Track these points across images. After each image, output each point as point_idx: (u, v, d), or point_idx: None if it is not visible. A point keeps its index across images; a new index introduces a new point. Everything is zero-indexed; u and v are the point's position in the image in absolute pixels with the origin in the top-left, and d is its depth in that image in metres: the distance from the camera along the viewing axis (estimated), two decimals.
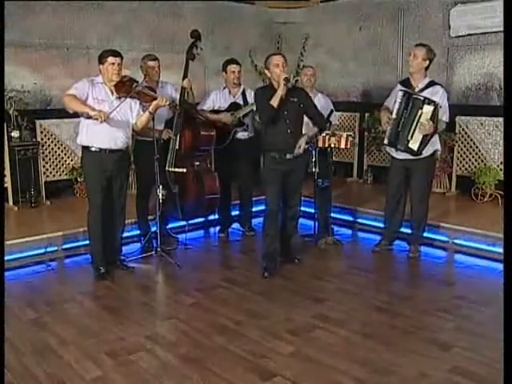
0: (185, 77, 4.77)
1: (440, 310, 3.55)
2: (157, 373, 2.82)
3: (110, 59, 3.97)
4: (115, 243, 4.39)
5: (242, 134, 5.04)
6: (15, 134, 5.65)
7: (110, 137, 4.02)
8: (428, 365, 2.87)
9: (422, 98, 4.24)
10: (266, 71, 4.16)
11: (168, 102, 4.10)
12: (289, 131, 4.12)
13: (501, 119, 5.70)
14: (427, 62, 4.35)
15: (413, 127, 4.28)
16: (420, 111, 4.24)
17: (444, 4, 6.31)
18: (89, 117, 3.91)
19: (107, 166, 4.08)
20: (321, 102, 5.06)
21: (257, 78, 7.11)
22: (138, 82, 4.07)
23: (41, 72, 6.00)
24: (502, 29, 5.39)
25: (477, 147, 6.05)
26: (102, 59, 4.02)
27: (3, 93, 5.49)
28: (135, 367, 2.89)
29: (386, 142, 4.51)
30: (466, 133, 6.13)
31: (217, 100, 5.10)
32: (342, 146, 4.81)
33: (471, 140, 6.09)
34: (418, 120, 4.24)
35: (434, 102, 4.24)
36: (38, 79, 5.99)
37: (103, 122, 3.88)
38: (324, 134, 4.74)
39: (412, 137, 4.29)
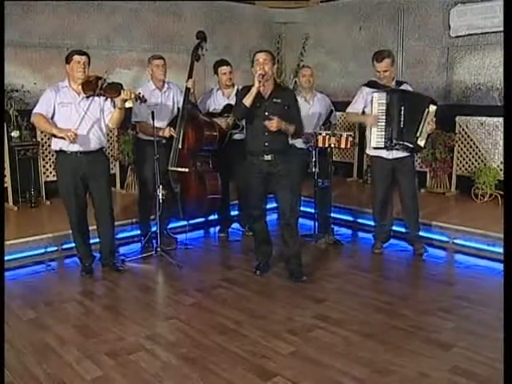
0: (189, 77, 4.77)
1: (440, 310, 3.55)
2: (157, 373, 2.82)
3: (76, 57, 3.95)
4: (108, 245, 4.37)
5: (239, 135, 5.03)
6: (15, 133, 5.66)
7: (82, 139, 3.97)
8: (428, 365, 2.87)
9: (429, 98, 4.33)
10: (252, 70, 3.95)
11: (133, 95, 4.03)
12: (267, 133, 3.87)
13: (501, 119, 5.70)
14: (394, 66, 4.42)
15: (421, 125, 4.31)
16: (427, 110, 4.30)
17: (444, 4, 6.32)
18: (60, 136, 3.90)
19: (81, 168, 4.05)
20: (320, 102, 5.07)
21: None
22: (102, 78, 3.99)
23: (41, 72, 6.00)
24: (501, 29, 5.40)
25: (477, 147, 6.05)
26: (68, 58, 3.99)
27: (3, 93, 5.49)
28: (135, 367, 2.89)
29: (380, 144, 4.40)
30: (465, 133, 6.13)
31: (211, 102, 5.09)
32: (342, 146, 4.81)
33: (471, 140, 6.09)
34: (426, 119, 4.30)
35: (436, 102, 4.32)
36: (38, 79, 5.99)
37: (73, 141, 3.87)
38: (324, 134, 4.75)
39: (421, 134, 4.34)
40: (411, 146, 4.36)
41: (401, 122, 4.32)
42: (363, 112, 4.53)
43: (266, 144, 3.93)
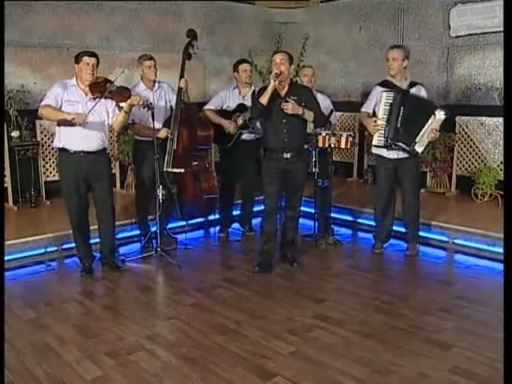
0: (181, 76, 4.76)
1: (440, 310, 3.55)
2: (157, 373, 2.82)
3: (85, 59, 3.97)
4: (108, 244, 4.37)
5: (247, 135, 5.03)
6: (15, 133, 5.65)
7: (85, 138, 3.98)
8: (428, 365, 2.87)
9: (434, 104, 4.32)
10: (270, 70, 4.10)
11: (142, 101, 4.08)
12: (285, 130, 4.09)
13: (501, 119, 5.70)
14: (406, 62, 4.42)
15: (423, 130, 4.28)
16: (433, 116, 4.26)
17: (444, 4, 6.32)
18: (68, 124, 3.88)
19: (84, 167, 4.06)
20: (321, 101, 5.05)
21: (257, 77, 7.11)
22: (112, 82, 4.01)
23: (41, 72, 6.00)
24: (501, 29, 5.40)
25: (477, 147, 6.06)
26: (77, 59, 4.01)
27: (3, 93, 5.49)
28: (135, 367, 2.89)
29: (380, 143, 4.41)
30: (465, 133, 6.13)
31: (226, 100, 5.09)
32: (342, 146, 4.81)
33: (471, 140, 6.10)
34: (429, 125, 4.26)
35: (446, 111, 4.27)
36: (38, 79, 5.99)
37: (82, 124, 3.87)
38: (324, 134, 4.75)
39: (420, 139, 4.30)
40: (407, 148, 4.33)
41: (398, 121, 4.32)
42: (374, 112, 4.54)
43: (285, 141, 4.11)
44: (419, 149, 4.34)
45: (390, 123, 4.35)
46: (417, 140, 4.31)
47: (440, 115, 4.26)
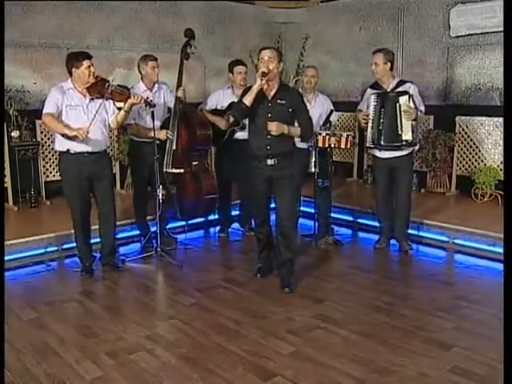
0: (179, 85, 4.71)
1: (440, 310, 3.55)
2: (157, 373, 2.82)
3: (86, 62, 3.90)
4: (109, 245, 4.37)
5: (241, 134, 5.01)
6: (15, 133, 5.65)
7: (87, 140, 3.96)
8: (428, 365, 2.87)
9: (395, 93, 4.46)
10: (257, 67, 3.74)
11: (142, 100, 4.07)
12: (269, 136, 3.72)
13: (501, 119, 5.70)
14: (389, 64, 4.50)
15: (398, 120, 4.41)
16: (398, 104, 4.41)
17: (444, 4, 6.32)
18: (70, 136, 3.89)
19: (86, 167, 4.05)
20: (321, 102, 5.06)
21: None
22: (109, 81, 4.00)
23: (41, 72, 6.00)
24: (502, 29, 5.40)
25: (477, 147, 6.06)
26: (75, 63, 3.92)
27: (3, 93, 5.49)
28: (135, 367, 2.89)
29: (369, 144, 4.63)
30: (465, 133, 6.13)
31: (219, 100, 5.08)
32: (342, 146, 4.81)
33: (471, 140, 6.10)
34: (400, 111, 4.39)
35: (406, 92, 4.43)
36: (38, 79, 5.99)
37: (84, 138, 3.86)
38: (324, 134, 4.75)
39: (402, 129, 4.42)
40: (398, 144, 4.45)
41: (380, 124, 4.48)
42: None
43: (269, 147, 3.77)
44: (407, 136, 4.42)
45: (375, 126, 4.51)
46: (400, 132, 4.42)
47: (402, 99, 4.39)
